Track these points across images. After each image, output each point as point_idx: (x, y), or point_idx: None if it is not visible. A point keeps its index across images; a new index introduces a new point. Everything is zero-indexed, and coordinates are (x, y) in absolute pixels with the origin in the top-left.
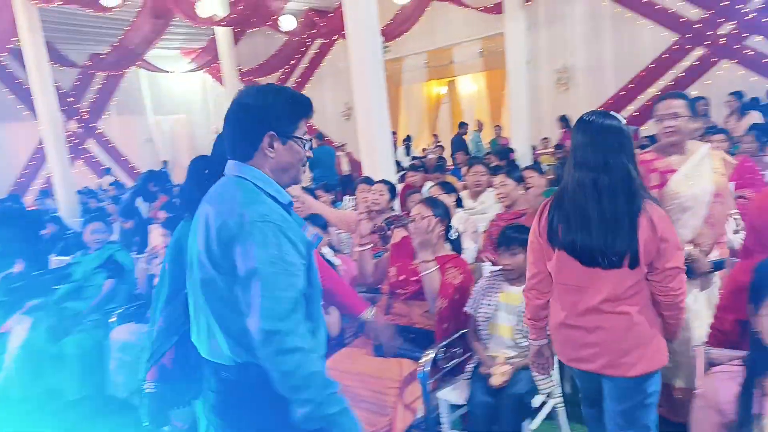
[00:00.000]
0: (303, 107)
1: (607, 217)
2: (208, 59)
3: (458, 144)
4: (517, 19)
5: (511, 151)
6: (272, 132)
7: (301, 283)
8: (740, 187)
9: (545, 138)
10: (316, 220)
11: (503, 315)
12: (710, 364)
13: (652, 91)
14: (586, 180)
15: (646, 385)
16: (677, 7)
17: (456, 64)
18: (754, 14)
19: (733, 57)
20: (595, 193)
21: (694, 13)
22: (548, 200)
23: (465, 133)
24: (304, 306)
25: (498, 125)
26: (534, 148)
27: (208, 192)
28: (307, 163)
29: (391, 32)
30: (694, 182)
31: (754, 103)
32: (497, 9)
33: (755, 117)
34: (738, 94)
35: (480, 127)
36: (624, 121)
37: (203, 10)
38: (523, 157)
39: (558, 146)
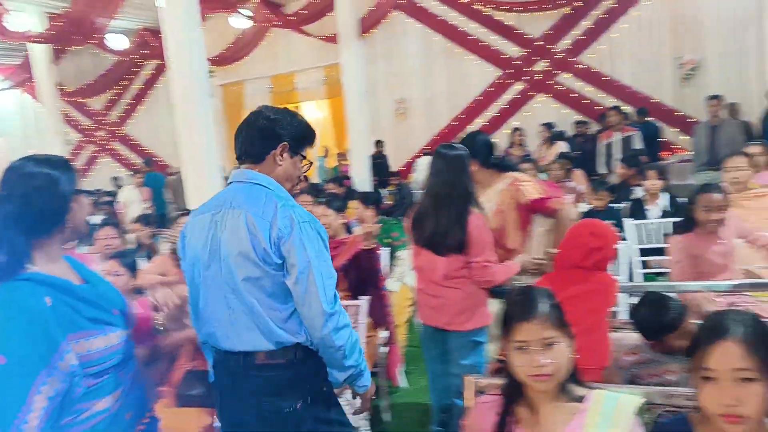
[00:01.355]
0: (312, 135)
1: (444, 221)
2: (24, 77)
3: None
4: (352, 51)
5: (347, 178)
6: (286, 143)
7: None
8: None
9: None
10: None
11: None
12: (480, 392)
13: (480, 121)
14: (437, 193)
15: (476, 337)
16: (499, 45)
17: (300, 90)
18: (563, 54)
19: (547, 91)
20: (439, 203)
21: (513, 50)
22: (415, 206)
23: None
24: None
25: (341, 152)
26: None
27: (221, 198)
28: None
29: (231, 56)
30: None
31: (561, 134)
32: (336, 39)
33: (562, 146)
34: (549, 125)
35: (326, 153)
36: (457, 150)
37: (14, 24)
38: (362, 184)
39: (395, 173)
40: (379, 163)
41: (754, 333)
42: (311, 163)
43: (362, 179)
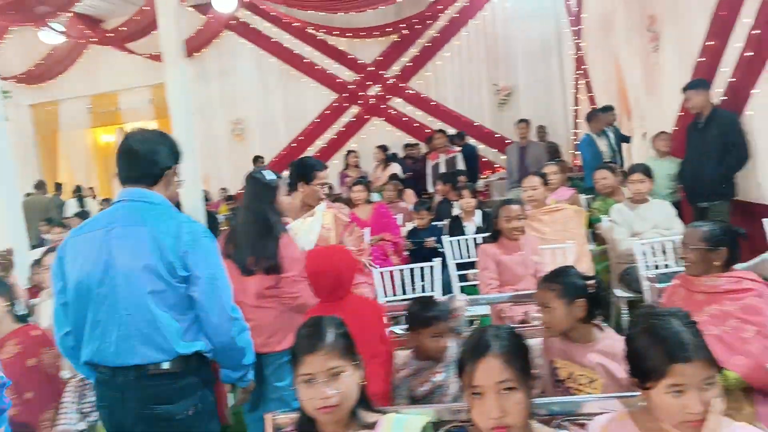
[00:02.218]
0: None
1: (254, 241)
2: None
3: None
4: (178, 71)
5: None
6: (177, 164)
7: None
8: (377, 231)
9: (223, 188)
10: None
11: None
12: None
13: (320, 143)
14: (248, 215)
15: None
16: (333, 70)
17: (124, 111)
18: (394, 79)
19: (381, 115)
20: (247, 227)
21: (347, 75)
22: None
23: None
24: None
25: None
26: (207, 199)
27: (109, 216)
28: None
29: (42, 74)
30: (302, 233)
31: (395, 156)
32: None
33: (395, 168)
34: (383, 147)
35: None
36: (270, 176)
37: None
38: (193, 208)
39: (229, 197)
40: None
41: (510, 345)
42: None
43: (193, 204)
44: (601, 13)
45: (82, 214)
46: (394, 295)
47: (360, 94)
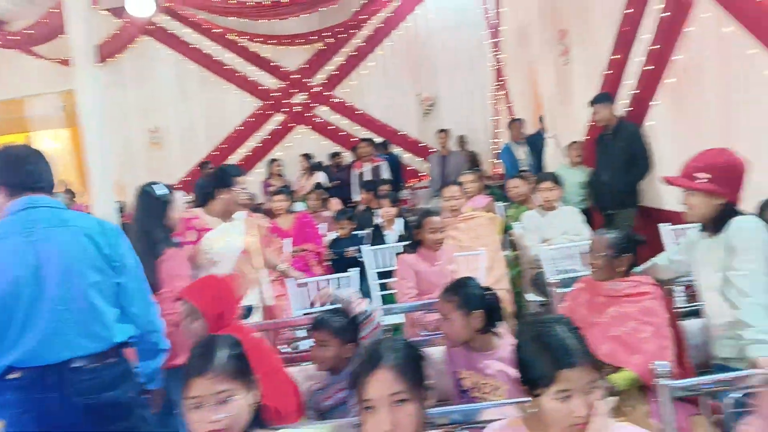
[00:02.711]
0: None
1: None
2: None
3: None
4: (89, 76)
5: None
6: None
7: None
8: (300, 241)
9: None
10: None
11: None
12: None
13: (243, 151)
14: (137, 229)
15: None
16: (257, 77)
17: (32, 118)
18: (319, 88)
19: (306, 123)
20: (135, 243)
21: (271, 83)
22: None
23: None
24: None
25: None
26: (121, 210)
27: (26, 221)
28: None
29: None
30: (225, 241)
31: (319, 165)
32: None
33: (320, 177)
34: (307, 156)
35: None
36: (161, 191)
37: None
38: (106, 218)
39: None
40: None
41: (404, 356)
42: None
43: (105, 215)
44: (517, 26)
45: None
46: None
47: (284, 101)
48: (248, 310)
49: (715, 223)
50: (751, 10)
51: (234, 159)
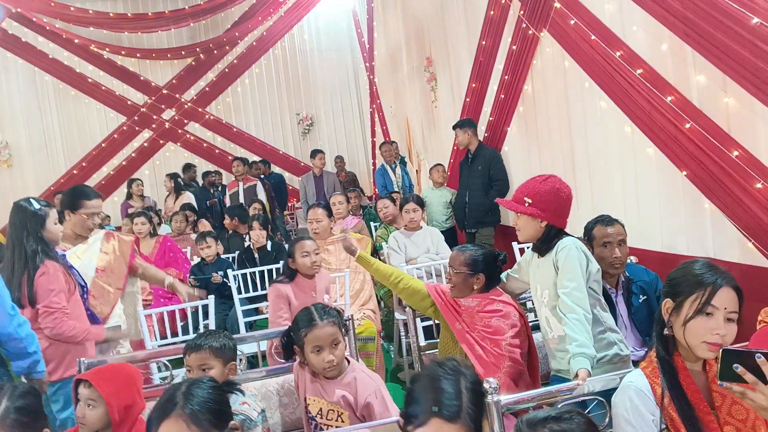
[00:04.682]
0: None
1: (15, 271)
2: None
3: None
4: None
5: None
6: None
7: None
8: (162, 266)
9: None
10: None
11: None
12: None
13: (106, 170)
14: (12, 245)
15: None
16: (122, 91)
17: None
18: (191, 104)
19: (177, 140)
20: (12, 259)
21: (139, 98)
22: None
23: None
24: None
25: None
26: None
27: None
28: None
29: None
30: (83, 259)
31: (192, 183)
32: None
33: (189, 197)
34: (173, 175)
35: None
36: (37, 205)
37: None
38: None
39: None
40: None
41: (201, 403)
42: None
43: None
44: (388, 51)
45: None
46: (172, 336)
47: (153, 117)
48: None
49: (542, 244)
50: (584, 48)
51: (95, 179)
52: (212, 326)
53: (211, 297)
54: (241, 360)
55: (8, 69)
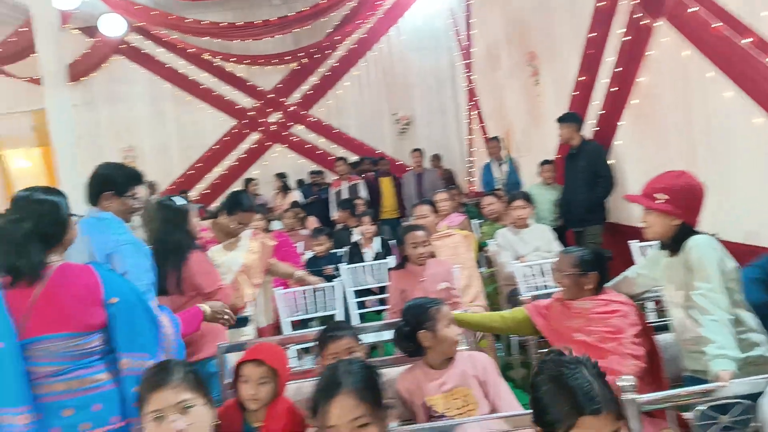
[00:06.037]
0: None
1: (165, 264)
2: None
3: None
4: (60, 96)
5: None
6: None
7: None
8: (281, 259)
9: None
10: None
11: None
12: None
13: (219, 170)
14: (159, 240)
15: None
16: (232, 96)
17: (3, 137)
18: (295, 107)
19: (283, 142)
20: (160, 249)
21: (247, 102)
22: None
23: None
24: None
25: None
26: None
27: None
28: None
29: None
30: (229, 255)
31: (299, 183)
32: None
33: (296, 195)
34: (281, 175)
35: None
36: (184, 201)
37: None
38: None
39: None
40: None
41: (362, 379)
42: None
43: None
44: (487, 48)
45: None
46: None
47: (260, 120)
48: (244, 320)
49: (672, 243)
50: (707, 36)
51: (210, 178)
52: (338, 307)
53: (338, 281)
54: None
55: (132, 78)
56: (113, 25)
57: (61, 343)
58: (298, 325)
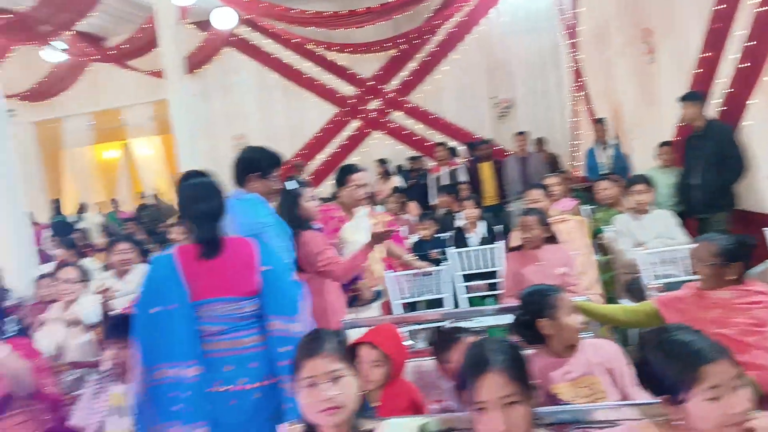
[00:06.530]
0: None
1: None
2: None
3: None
4: (180, 87)
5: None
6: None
7: None
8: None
9: None
10: None
11: (116, 420)
12: None
13: (322, 156)
14: None
15: None
16: (334, 84)
17: (128, 127)
18: (394, 93)
19: (382, 128)
20: None
21: (348, 90)
22: None
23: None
24: None
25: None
26: None
27: None
28: None
29: (45, 91)
30: (357, 233)
31: (398, 169)
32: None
33: (396, 181)
34: (382, 161)
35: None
36: (292, 185)
37: None
38: None
39: None
40: None
41: (511, 359)
42: None
43: None
44: (595, 26)
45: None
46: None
47: (360, 108)
48: (377, 294)
49: None
50: None
51: (313, 165)
52: (445, 291)
53: (446, 264)
54: None
55: (242, 69)
56: (224, 19)
57: (225, 306)
58: (406, 307)
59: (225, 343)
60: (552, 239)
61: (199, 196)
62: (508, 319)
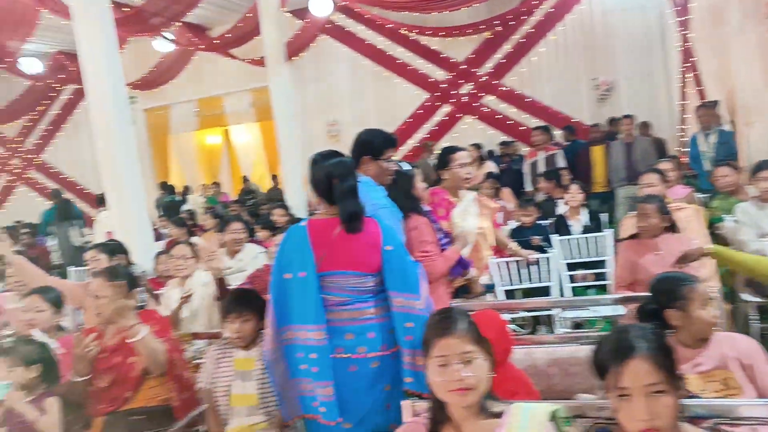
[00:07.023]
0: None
1: None
2: None
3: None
4: (280, 74)
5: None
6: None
7: None
8: None
9: None
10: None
11: (240, 384)
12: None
13: (412, 142)
14: None
15: None
16: (426, 69)
17: (228, 114)
18: (487, 77)
19: (473, 113)
20: None
21: (439, 74)
22: None
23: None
24: None
25: (216, 182)
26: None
27: None
28: None
29: (155, 80)
30: (466, 218)
31: (490, 154)
32: (263, 62)
33: (490, 166)
34: (477, 146)
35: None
36: (405, 167)
37: None
38: (296, 208)
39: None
40: None
41: (657, 347)
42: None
43: (296, 203)
44: (710, 2)
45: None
46: (511, 283)
47: (452, 92)
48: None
49: None
50: None
51: (403, 151)
52: (553, 279)
53: (552, 251)
54: None
55: (336, 56)
56: (321, 6)
57: (350, 279)
58: (509, 294)
59: (347, 313)
60: (671, 228)
61: (342, 173)
62: (622, 310)
